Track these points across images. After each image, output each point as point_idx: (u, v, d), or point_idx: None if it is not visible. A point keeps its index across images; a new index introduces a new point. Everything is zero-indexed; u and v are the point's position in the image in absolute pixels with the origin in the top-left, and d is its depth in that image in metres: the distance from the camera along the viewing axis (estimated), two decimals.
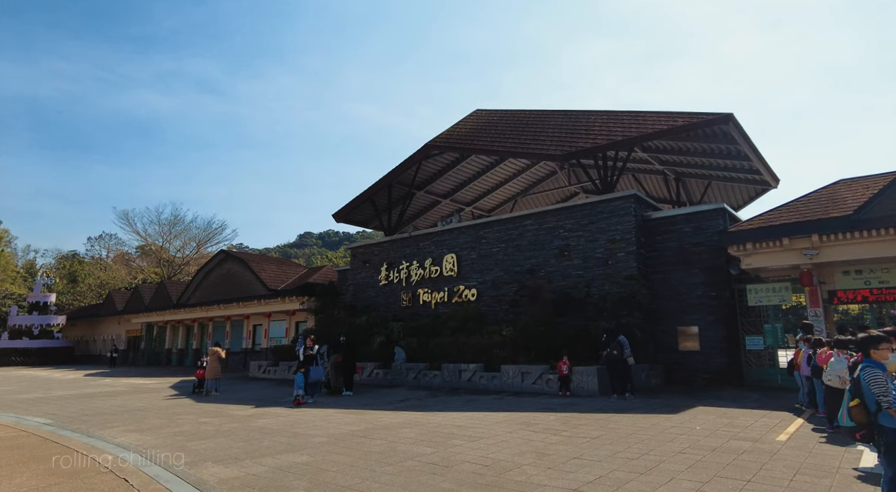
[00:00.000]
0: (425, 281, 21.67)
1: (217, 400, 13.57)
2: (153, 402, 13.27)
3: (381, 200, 26.03)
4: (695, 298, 16.06)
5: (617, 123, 18.17)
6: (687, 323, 16.07)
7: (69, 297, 58.53)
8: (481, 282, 19.87)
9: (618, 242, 16.68)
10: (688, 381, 15.57)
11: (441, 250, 21.53)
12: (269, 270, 29.37)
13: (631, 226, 16.57)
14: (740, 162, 19.86)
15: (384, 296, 23.31)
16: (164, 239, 55.55)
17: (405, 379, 16.75)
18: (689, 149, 20.25)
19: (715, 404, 10.77)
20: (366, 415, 10.33)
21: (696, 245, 16.29)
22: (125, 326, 45.70)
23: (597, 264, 16.96)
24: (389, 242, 23.80)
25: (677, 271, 16.49)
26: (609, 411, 10.06)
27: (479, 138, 20.23)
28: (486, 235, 20.21)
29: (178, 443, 7.67)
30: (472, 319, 17.65)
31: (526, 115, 21.15)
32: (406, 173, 24.73)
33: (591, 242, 17.29)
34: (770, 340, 14.91)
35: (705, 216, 16.30)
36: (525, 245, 18.92)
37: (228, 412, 11.06)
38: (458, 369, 15.43)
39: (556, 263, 17.93)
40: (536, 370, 13.60)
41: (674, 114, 17.42)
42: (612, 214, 17.05)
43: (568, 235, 17.87)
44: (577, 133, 18.16)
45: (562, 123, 19.22)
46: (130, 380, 21.91)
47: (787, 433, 7.38)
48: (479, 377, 14.91)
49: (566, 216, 18.04)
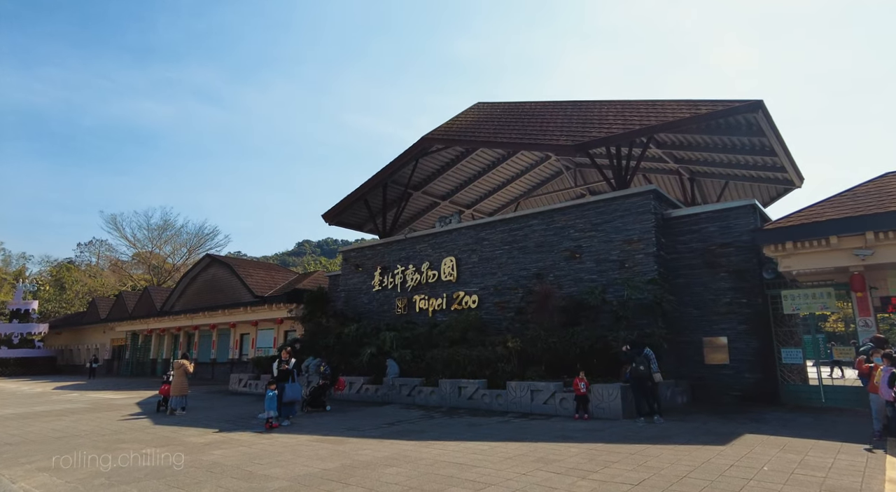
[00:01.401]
0: (422, 287, 19.93)
1: (179, 421, 11.76)
2: (104, 424, 11.46)
3: (376, 202, 24.34)
4: (722, 306, 14.33)
5: (632, 112, 16.54)
6: (714, 333, 14.33)
7: (55, 304, 56.60)
8: (483, 287, 18.13)
9: (636, 243, 14.97)
10: (716, 398, 13.81)
11: (439, 253, 19.82)
12: (255, 275, 27.60)
13: (650, 225, 14.88)
14: (763, 158, 18.24)
15: (378, 303, 21.55)
16: (153, 244, 53.74)
17: (398, 396, 14.93)
18: (708, 143, 18.62)
19: (763, 431, 9.00)
20: (345, 445, 8.55)
21: (723, 246, 14.58)
22: (110, 335, 43.78)
23: (612, 268, 15.25)
24: (384, 245, 22.07)
25: (702, 275, 14.78)
26: (642, 441, 8.30)
27: (480, 131, 18.58)
28: (488, 237, 18.51)
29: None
30: (472, 329, 15.90)
31: (531, 106, 19.53)
32: (402, 172, 23.06)
33: (605, 243, 15.58)
34: (811, 353, 13.15)
35: (733, 214, 14.60)
36: (531, 247, 17.21)
37: (183, 439, 9.27)
38: (458, 386, 13.62)
39: (567, 266, 16.21)
40: (548, 388, 11.81)
41: (695, 102, 15.79)
42: (628, 211, 15.37)
43: (579, 235, 16.17)
44: (590, 123, 16.51)
45: (571, 114, 17.58)
46: (99, 394, 20.05)
47: (891, 482, 5.62)
48: (482, 395, 13.11)
49: (577, 215, 16.34)
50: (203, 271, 30.81)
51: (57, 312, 56.13)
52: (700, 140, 18.58)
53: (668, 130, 15.31)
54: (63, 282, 59.87)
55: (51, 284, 61.58)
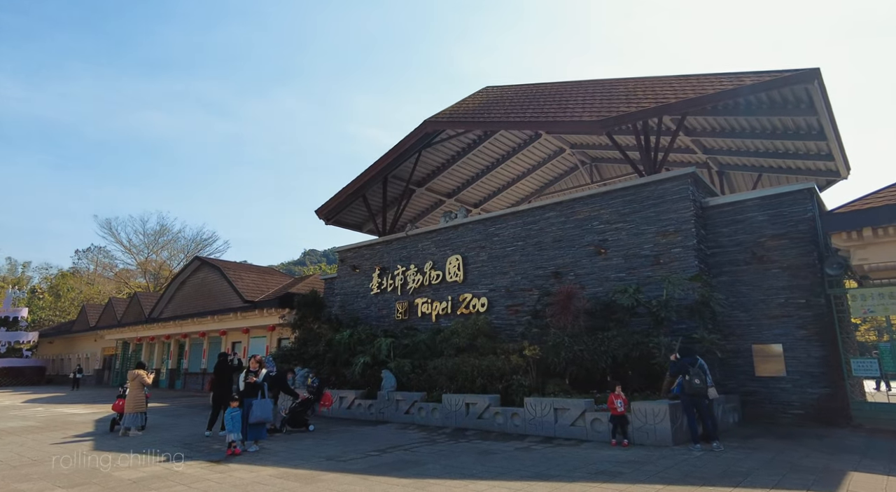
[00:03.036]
0: (424, 289, 17.88)
1: (126, 445, 9.71)
2: (31, 448, 9.43)
3: (375, 200, 22.38)
4: (776, 308, 12.18)
5: (664, 87, 14.53)
6: (766, 340, 12.17)
7: (49, 312, 54.92)
8: (493, 289, 16.06)
9: (671, 235, 12.88)
10: (771, 417, 11.64)
11: (444, 252, 17.78)
12: (247, 278, 25.63)
13: (689, 214, 12.80)
14: (808, 144, 16.16)
15: (376, 307, 19.50)
16: (149, 250, 52.03)
17: (394, 413, 12.80)
18: (744, 128, 16.53)
19: (871, 468, 6.84)
20: (316, 484, 6.47)
21: (774, 238, 12.46)
22: (101, 344, 41.86)
23: (643, 264, 13.15)
24: (383, 244, 20.07)
25: (749, 272, 12.65)
26: (712, 482, 6.17)
27: (490, 113, 16.60)
28: (498, 232, 16.47)
29: None
30: (482, 335, 13.80)
31: (548, 87, 17.56)
32: (403, 166, 21.11)
33: (635, 237, 13.50)
34: (890, 364, 10.96)
35: (787, 200, 12.49)
36: (548, 242, 15.14)
37: (111, 473, 7.22)
38: (465, 402, 11.48)
39: (590, 263, 14.13)
40: (576, 406, 9.65)
41: (737, 74, 13.78)
42: (662, 199, 13.30)
43: (605, 228, 14.10)
44: (616, 100, 14.50)
45: (594, 92, 15.58)
46: (65, 409, 18.06)
47: None
48: (494, 414, 10.95)
49: (602, 204, 14.28)
50: (192, 275, 28.90)
51: (51, 320, 54.41)
52: (736, 124, 16.52)
53: (708, 103, 13.25)
54: (58, 290, 58.19)
55: (48, 292, 59.96)
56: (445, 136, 20.13)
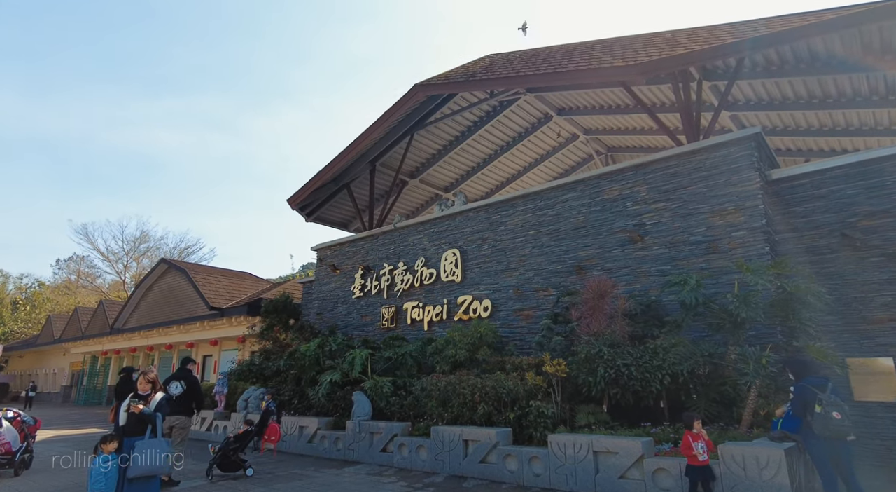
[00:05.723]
0: (415, 291, 14.82)
1: None
2: None
3: (362, 193, 19.42)
4: (878, 309, 9.12)
5: (712, 34, 11.62)
6: (867, 352, 9.09)
7: (20, 324, 51.65)
8: (498, 289, 13.01)
9: (732, 215, 9.88)
10: (882, 457, 8.52)
11: (438, 246, 14.76)
12: (216, 283, 22.51)
13: (756, 187, 9.82)
14: (879, 113, 13.25)
15: (358, 313, 16.41)
16: (128, 257, 48.96)
17: (367, 451, 9.60)
18: (800, 96, 13.58)
19: None
20: None
21: (872, 216, 9.45)
22: (69, 358, 38.60)
23: (694, 253, 10.13)
24: (367, 239, 17.04)
25: (837, 262, 9.62)
26: None
27: (496, 72, 13.67)
28: (504, 220, 13.47)
29: None
30: (485, 346, 10.73)
31: (564, 47, 14.68)
32: (394, 152, 18.22)
33: (681, 219, 10.49)
34: None
35: (889, 166, 9.51)
36: (568, 230, 12.13)
37: None
38: (463, 438, 8.30)
39: (622, 254, 11.10)
40: (628, 448, 6.52)
41: (812, 13, 10.89)
42: (717, 170, 10.32)
43: (641, 208, 11.09)
44: (652, 48, 11.58)
45: (623, 44, 12.68)
46: None
47: None
48: (504, 456, 7.77)
49: (636, 180, 11.30)
50: (159, 280, 25.78)
51: (24, 333, 51.12)
52: (790, 90, 13.57)
53: (774, 44, 10.31)
54: (34, 301, 54.99)
55: (26, 303, 56.75)
56: (441, 115, 17.25)
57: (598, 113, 17.41)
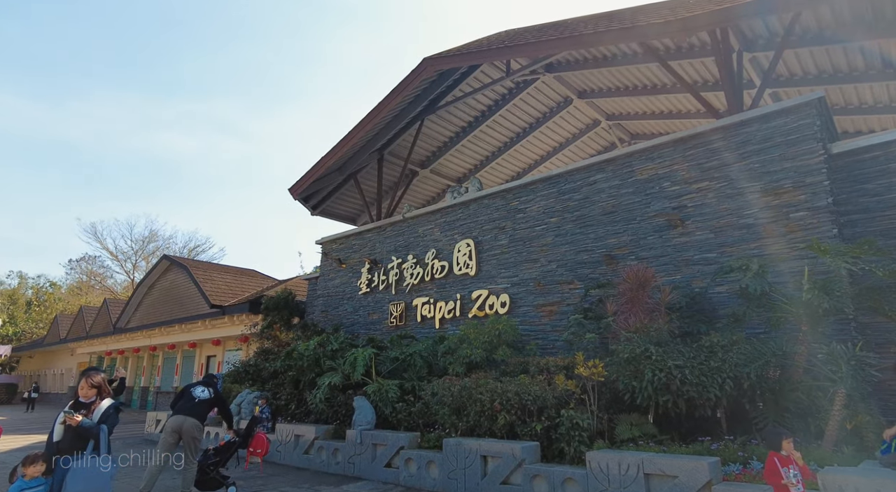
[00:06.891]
0: (426, 285, 13.62)
1: None
2: None
3: (370, 185, 18.27)
4: None
5: None
6: None
7: (32, 324, 51.45)
8: (517, 282, 11.76)
9: (790, 193, 8.55)
10: None
11: (450, 236, 13.55)
12: (218, 280, 21.53)
13: (818, 160, 8.48)
14: None
15: (365, 310, 15.26)
16: (137, 256, 48.46)
17: (370, 465, 8.40)
18: (854, 67, 12.12)
19: None
20: None
21: None
22: (76, 358, 38.05)
23: (745, 238, 8.81)
24: (375, 231, 15.89)
25: None
26: None
27: (513, 42, 12.42)
28: (524, 207, 12.22)
29: None
30: (504, 345, 9.49)
31: (585, 18, 13.36)
32: (402, 139, 17.05)
33: (728, 199, 9.17)
34: None
35: None
36: (596, 215, 10.85)
37: None
38: (481, 453, 7.06)
39: (659, 241, 9.79)
40: (691, 471, 5.24)
41: None
42: (770, 142, 8.99)
43: (680, 189, 9.78)
44: (697, 6, 10.24)
45: (659, 9, 11.33)
46: None
47: None
48: (531, 477, 6.50)
49: (675, 157, 9.99)
50: (161, 277, 24.89)
51: (34, 333, 50.91)
52: (843, 60, 12.14)
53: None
54: (46, 302, 54.83)
55: (39, 304, 56.64)
56: (452, 97, 16.04)
57: (623, 95, 16.09)
